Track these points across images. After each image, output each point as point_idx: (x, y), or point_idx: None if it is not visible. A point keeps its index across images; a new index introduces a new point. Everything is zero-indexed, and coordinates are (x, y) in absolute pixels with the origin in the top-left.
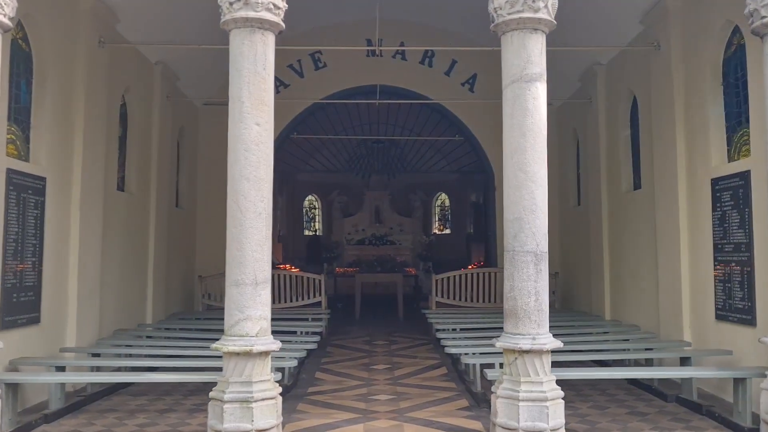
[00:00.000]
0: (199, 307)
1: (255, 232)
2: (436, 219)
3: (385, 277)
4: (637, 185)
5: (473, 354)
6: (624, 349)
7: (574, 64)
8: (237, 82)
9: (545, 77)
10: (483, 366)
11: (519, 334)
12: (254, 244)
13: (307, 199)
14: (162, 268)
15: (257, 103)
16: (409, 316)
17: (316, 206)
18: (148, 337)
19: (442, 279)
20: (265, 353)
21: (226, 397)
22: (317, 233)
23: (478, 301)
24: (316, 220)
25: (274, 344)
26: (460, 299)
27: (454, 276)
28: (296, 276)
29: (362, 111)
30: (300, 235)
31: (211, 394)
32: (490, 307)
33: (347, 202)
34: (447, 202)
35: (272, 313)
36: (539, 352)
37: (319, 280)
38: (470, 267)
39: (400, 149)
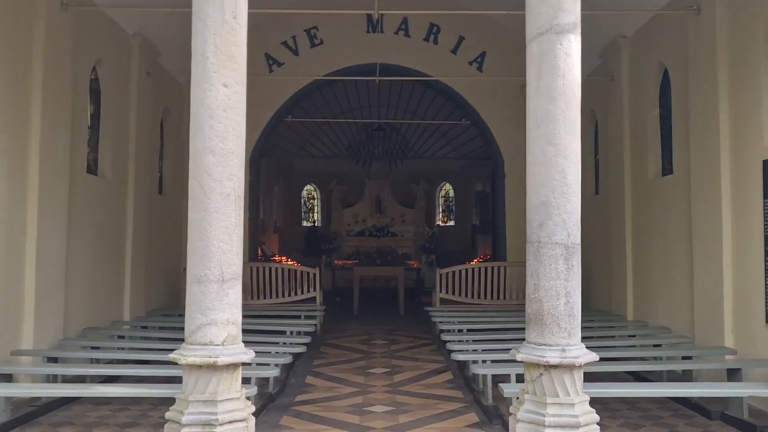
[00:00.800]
0: (184, 303)
1: (222, 218)
2: (440, 210)
3: (385, 271)
4: (666, 170)
5: (484, 362)
6: (656, 357)
7: (594, 39)
8: (201, 34)
9: (579, 29)
10: (495, 377)
11: (545, 345)
12: (220, 232)
13: (305, 188)
14: (142, 259)
15: (225, 60)
16: (411, 311)
17: (315, 196)
18: (119, 336)
19: (447, 273)
20: (234, 366)
21: (185, 419)
22: (316, 224)
23: (486, 297)
24: (315, 210)
25: (245, 355)
26: (466, 295)
27: (460, 270)
28: (289, 269)
29: (362, 93)
30: (298, 226)
31: (167, 414)
32: (499, 304)
33: (347, 192)
34: (451, 192)
35: (263, 310)
36: (570, 367)
37: (314, 274)
38: (475, 261)
39: (402, 136)
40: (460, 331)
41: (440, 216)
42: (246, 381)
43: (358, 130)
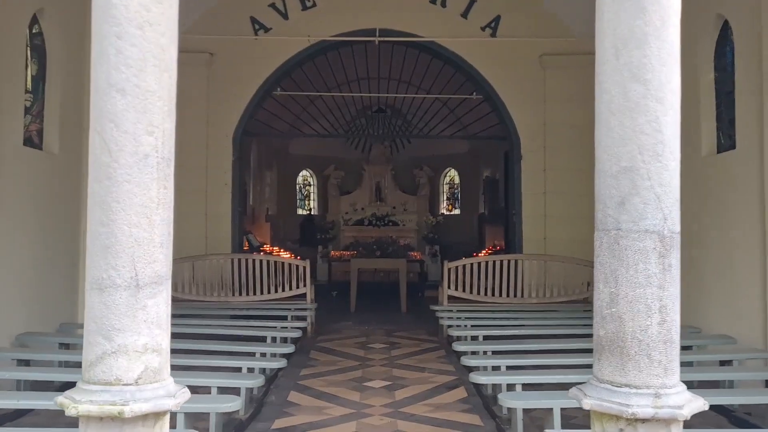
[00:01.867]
0: None
1: (136, 191)
2: (444, 197)
3: (386, 263)
4: (724, 145)
5: (512, 386)
6: (721, 382)
7: None
8: None
9: None
10: (528, 411)
11: (627, 387)
12: (134, 212)
13: (300, 174)
14: None
15: None
16: (414, 309)
17: (311, 183)
18: (63, 345)
19: (456, 267)
20: (156, 415)
21: None
22: (312, 213)
23: (500, 295)
24: (311, 198)
25: (172, 399)
26: (478, 292)
27: (471, 264)
28: (275, 261)
29: (360, 65)
30: (293, 214)
31: None
32: (516, 303)
33: (345, 178)
34: (456, 179)
35: (245, 308)
36: (667, 422)
37: (304, 267)
38: (483, 252)
39: (404, 117)
40: (474, 338)
41: (445, 204)
42: (204, 417)
43: (357, 112)
